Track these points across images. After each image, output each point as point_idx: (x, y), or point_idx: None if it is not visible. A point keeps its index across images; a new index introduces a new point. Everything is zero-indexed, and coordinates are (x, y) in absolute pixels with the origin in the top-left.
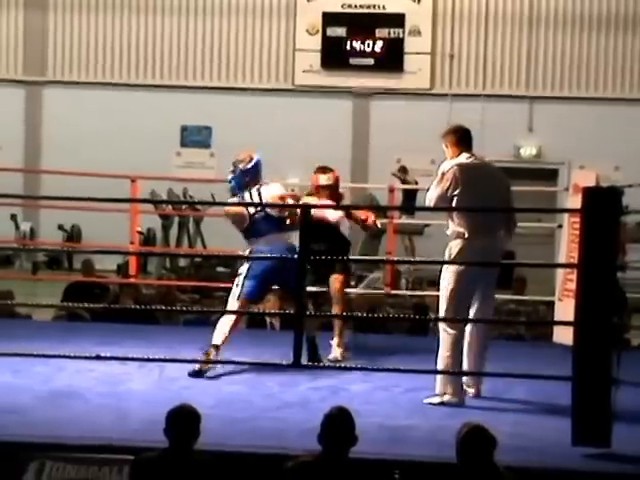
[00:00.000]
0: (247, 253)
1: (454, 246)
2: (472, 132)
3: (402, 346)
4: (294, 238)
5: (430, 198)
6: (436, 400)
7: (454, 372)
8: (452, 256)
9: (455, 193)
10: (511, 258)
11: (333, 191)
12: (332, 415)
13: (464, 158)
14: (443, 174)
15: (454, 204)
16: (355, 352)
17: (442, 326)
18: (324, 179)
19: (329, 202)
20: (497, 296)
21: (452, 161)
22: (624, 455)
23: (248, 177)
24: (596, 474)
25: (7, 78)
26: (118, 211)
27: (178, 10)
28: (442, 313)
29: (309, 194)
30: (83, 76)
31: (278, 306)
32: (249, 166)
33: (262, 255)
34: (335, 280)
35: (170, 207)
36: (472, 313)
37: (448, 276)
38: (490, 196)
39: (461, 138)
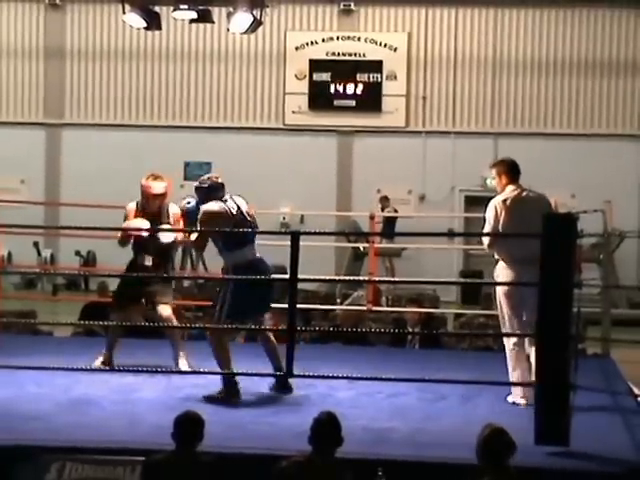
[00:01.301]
0: (230, 268)
1: (498, 270)
2: (443, 165)
3: (383, 356)
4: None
5: (485, 235)
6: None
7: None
8: (498, 279)
9: (499, 226)
10: (479, 277)
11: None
12: (321, 419)
13: (509, 191)
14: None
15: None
16: (341, 362)
17: (505, 343)
18: (159, 187)
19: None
20: (467, 311)
21: (497, 197)
22: (581, 452)
23: (221, 191)
24: (557, 470)
25: (29, 121)
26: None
27: (181, 59)
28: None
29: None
30: (97, 118)
31: (273, 322)
32: (221, 180)
33: (246, 276)
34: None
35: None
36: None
37: (498, 300)
38: (529, 225)
39: (509, 169)
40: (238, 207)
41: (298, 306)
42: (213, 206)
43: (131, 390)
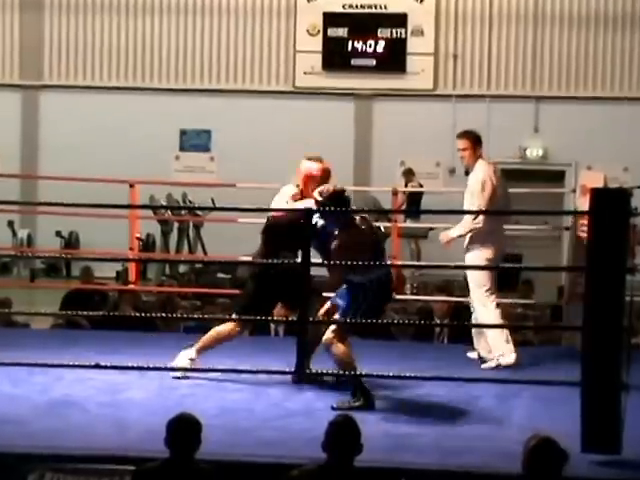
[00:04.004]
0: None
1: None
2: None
3: (407, 351)
4: None
5: (480, 207)
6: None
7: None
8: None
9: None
10: (518, 261)
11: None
12: (337, 423)
13: (485, 164)
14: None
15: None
16: (359, 358)
17: (486, 306)
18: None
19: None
20: (504, 300)
21: (485, 170)
22: (634, 462)
23: None
24: None
25: (3, 83)
26: (117, 217)
27: (176, 12)
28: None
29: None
30: (80, 80)
31: (283, 313)
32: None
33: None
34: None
35: (169, 212)
36: None
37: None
38: (508, 200)
39: (479, 141)
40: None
41: None
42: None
43: (119, 390)
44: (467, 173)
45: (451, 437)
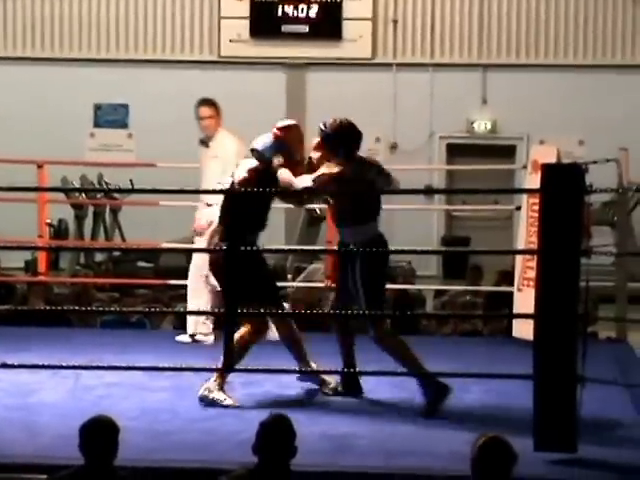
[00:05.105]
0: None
1: None
2: (419, 105)
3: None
4: None
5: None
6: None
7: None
8: None
9: None
10: (465, 244)
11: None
12: (268, 423)
13: (229, 133)
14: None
15: None
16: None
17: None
18: None
19: None
20: (450, 287)
21: (231, 136)
22: (591, 460)
23: None
24: None
25: None
26: (24, 201)
27: None
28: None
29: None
30: None
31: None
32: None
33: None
34: None
35: (83, 195)
36: None
37: None
38: None
39: (220, 108)
40: None
41: None
42: None
43: (29, 392)
44: (205, 143)
45: (394, 437)
